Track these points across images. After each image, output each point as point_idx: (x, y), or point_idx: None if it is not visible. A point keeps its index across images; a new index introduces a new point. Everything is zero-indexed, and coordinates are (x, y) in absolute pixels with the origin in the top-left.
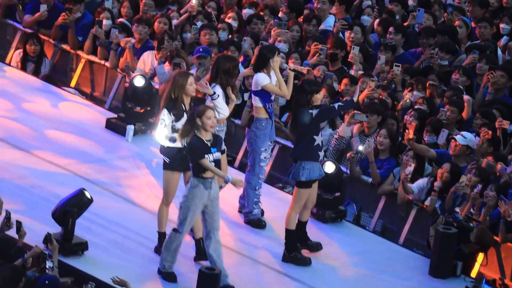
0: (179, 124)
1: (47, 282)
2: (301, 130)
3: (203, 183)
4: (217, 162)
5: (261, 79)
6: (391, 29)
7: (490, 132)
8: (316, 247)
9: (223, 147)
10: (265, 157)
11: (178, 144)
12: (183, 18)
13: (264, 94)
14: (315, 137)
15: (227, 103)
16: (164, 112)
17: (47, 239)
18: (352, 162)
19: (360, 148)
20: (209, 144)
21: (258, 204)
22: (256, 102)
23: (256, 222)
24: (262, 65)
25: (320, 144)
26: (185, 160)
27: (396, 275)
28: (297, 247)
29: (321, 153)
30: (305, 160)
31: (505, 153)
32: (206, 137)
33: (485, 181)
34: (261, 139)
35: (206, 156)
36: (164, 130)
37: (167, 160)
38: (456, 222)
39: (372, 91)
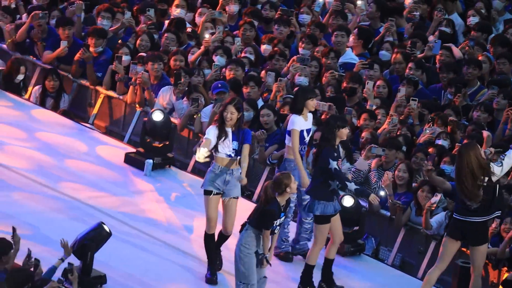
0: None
1: None
2: (320, 168)
3: (257, 234)
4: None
5: (293, 121)
6: (411, 64)
7: None
8: None
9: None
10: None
11: None
12: (199, 53)
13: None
14: (330, 182)
15: None
16: None
17: (68, 269)
18: (377, 206)
19: (382, 193)
20: (282, 209)
21: (287, 240)
22: (288, 141)
23: (284, 255)
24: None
25: (336, 188)
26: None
27: None
28: (312, 283)
29: (335, 196)
30: (319, 200)
31: None
32: (282, 202)
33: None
34: None
35: (274, 222)
36: None
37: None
38: None
39: (394, 126)
